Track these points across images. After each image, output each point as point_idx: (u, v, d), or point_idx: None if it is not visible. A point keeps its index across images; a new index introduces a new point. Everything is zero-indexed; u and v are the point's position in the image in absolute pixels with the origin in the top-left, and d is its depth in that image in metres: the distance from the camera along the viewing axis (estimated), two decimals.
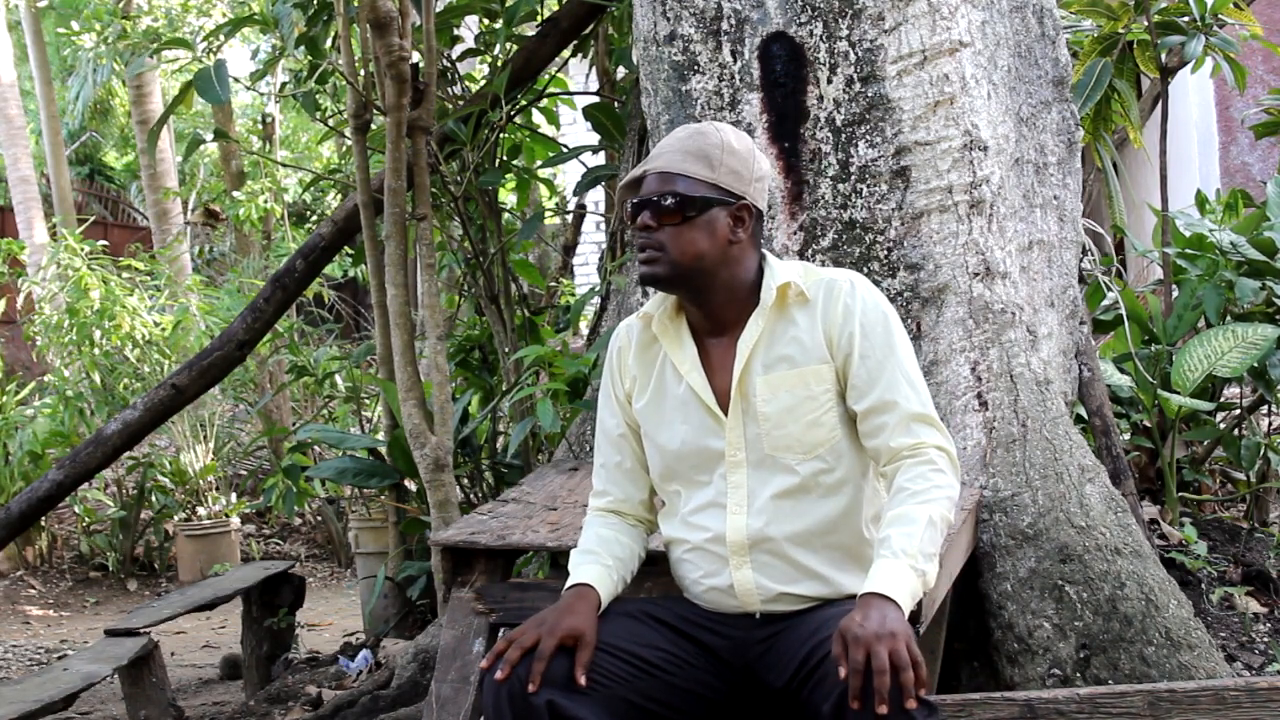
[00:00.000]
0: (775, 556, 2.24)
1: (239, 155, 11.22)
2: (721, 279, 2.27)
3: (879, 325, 2.24)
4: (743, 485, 2.26)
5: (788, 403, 2.24)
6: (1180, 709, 2.39)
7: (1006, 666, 2.92)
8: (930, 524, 2.12)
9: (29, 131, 12.26)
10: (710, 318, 2.31)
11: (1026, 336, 3.26)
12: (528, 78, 4.86)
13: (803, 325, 2.26)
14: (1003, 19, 3.38)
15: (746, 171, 2.27)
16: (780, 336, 2.27)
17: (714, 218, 2.23)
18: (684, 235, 2.22)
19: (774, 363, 2.26)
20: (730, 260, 2.26)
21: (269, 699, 4.44)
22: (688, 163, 2.24)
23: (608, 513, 2.43)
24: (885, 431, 2.21)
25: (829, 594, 2.23)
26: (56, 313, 8.83)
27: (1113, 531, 3.00)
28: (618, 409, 2.41)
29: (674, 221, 2.22)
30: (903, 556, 2.09)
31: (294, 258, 4.99)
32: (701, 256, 2.23)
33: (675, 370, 2.32)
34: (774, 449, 2.24)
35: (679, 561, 2.36)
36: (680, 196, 2.22)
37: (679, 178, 2.23)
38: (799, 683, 2.13)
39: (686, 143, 2.27)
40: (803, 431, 2.23)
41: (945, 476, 2.18)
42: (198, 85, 4.36)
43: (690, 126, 2.33)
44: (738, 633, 2.26)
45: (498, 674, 2.11)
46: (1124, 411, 3.90)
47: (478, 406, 5.08)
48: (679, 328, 2.34)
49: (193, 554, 8.39)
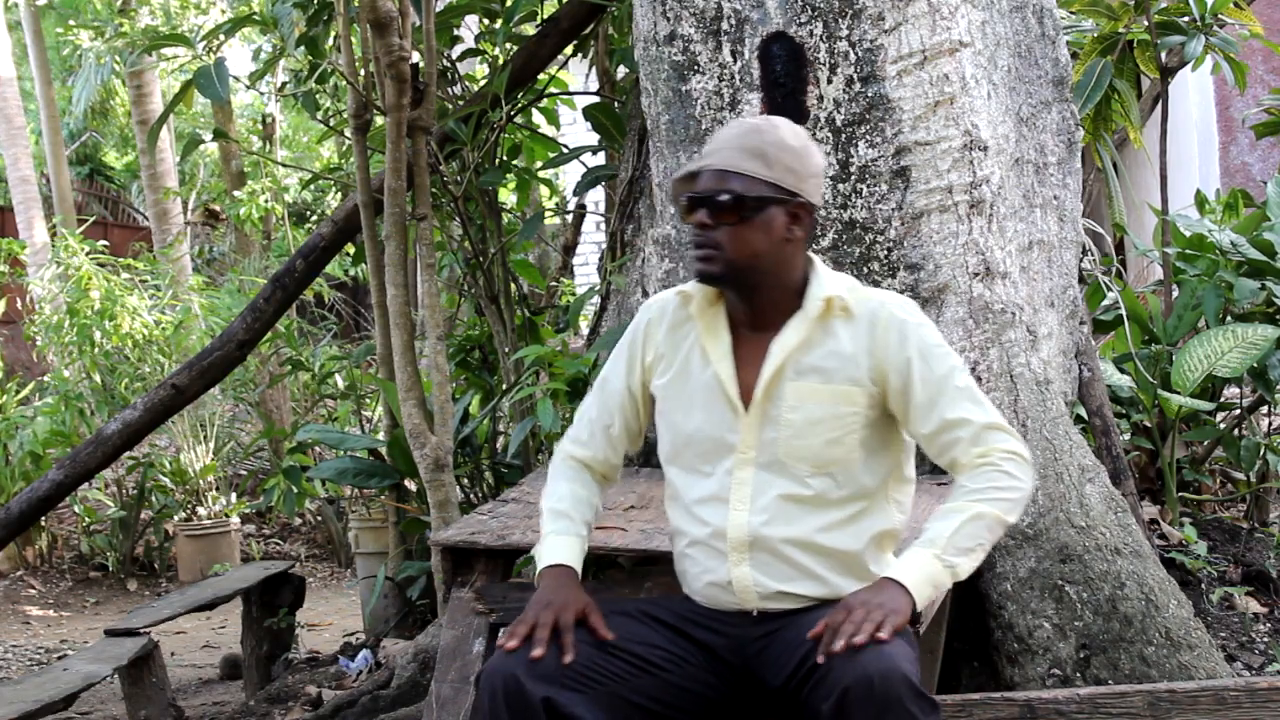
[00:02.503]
0: (774, 556, 2.24)
1: (239, 155, 11.22)
2: (772, 278, 2.27)
3: (933, 348, 2.25)
4: (748, 483, 2.25)
5: (814, 415, 2.23)
6: (1180, 709, 2.40)
7: (1006, 666, 2.92)
8: (975, 518, 2.15)
9: (29, 131, 12.25)
10: (752, 314, 2.30)
11: (1026, 336, 3.26)
12: (528, 78, 4.85)
13: (844, 341, 2.25)
14: (1003, 19, 3.38)
15: (802, 168, 2.26)
16: (817, 347, 2.26)
17: (771, 217, 2.23)
18: (741, 234, 2.22)
19: (806, 371, 2.25)
20: (784, 259, 2.26)
21: (269, 699, 4.44)
22: (744, 160, 2.22)
23: (580, 465, 2.45)
24: (956, 447, 2.22)
25: (827, 594, 2.23)
26: (57, 313, 8.83)
27: (1113, 531, 3.00)
28: (628, 373, 2.41)
29: (731, 221, 2.22)
30: (930, 547, 2.14)
31: (294, 258, 4.99)
32: (758, 255, 2.23)
33: (704, 355, 2.31)
34: (788, 456, 2.24)
35: (682, 556, 2.36)
36: (737, 195, 2.21)
37: (735, 176, 2.22)
38: (797, 682, 2.13)
39: (743, 139, 2.25)
40: (821, 447, 2.23)
41: (1010, 479, 2.19)
42: (198, 83, 4.36)
43: (746, 122, 2.33)
44: (735, 630, 2.26)
45: (536, 651, 2.12)
46: (1124, 411, 3.90)
47: (478, 406, 5.08)
48: (717, 314, 2.33)
49: (193, 554, 8.39)
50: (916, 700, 2.00)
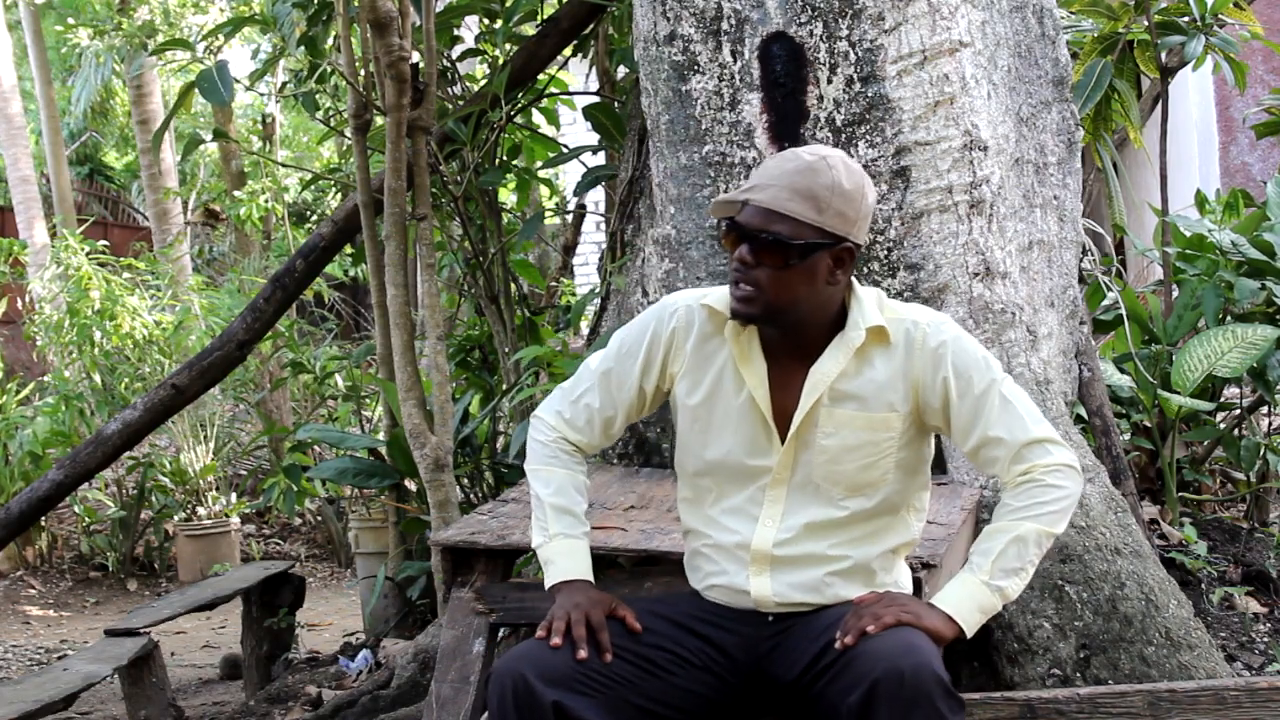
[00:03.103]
0: (796, 570, 2.23)
1: (239, 155, 11.22)
2: (809, 316, 2.21)
3: (969, 365, 2.20)
4: (780, 501, 2.24)
5: (850, 442, 2.21)
6: (1180, 709, 2.39)
7: (1006, 666, 2.92)
8: (1018, 540, 2.15)
9: (29, 131, 12.25)
10: (788, 340, 2.24)
11: (1026, 336, 3.26)
12: (528, 78, 4.85)
13: (879, 368, 2.21)
14: (1003, 19, 3.38)
15: (853, 212, 2.16)
16: (854, 374, 2.22)
17: (815, 262, 2.15)
18: (783, 279, 2.14)
19: (842, 399, 2.21)
20: (824, 301, 2.20)
21: (269, 699, 4.44)
22: (794, 202, 2.12)
23: (574, 449, 2.38)
24: (999, 464, 2.21)
25: (844, 599, 2.24)
26: (57, 312, 8.83)
27: (1113, 531, 3.00)
28: (644, 374, 2.33)
29: (774, 264, 2.13)
30: (975, 573, 2.15)
31: (294, 258, 4.99)
32: (798, 301, 2.17)
33: (738, 379, 2.25)
34: (823, 480, 2.22)
35: (696, 553, 2.35)
36: (783, 241, 2.12)
37: (784, 219, 2.12)
38: (813, 677, 2.13)
39: (795, 179, 2.14)
40: (857, 472, 2.21)
41: (1054, 490, 2.17)
42: (200, 85, 4.36)
43: (802, 158, 2.17)
44: (747, 629, 2.26)
45: (581, 653, 2.12)
46: (1124, 411, 3.90)
47: (478, 406, 5.08)
48: (751, 339, 2.26)
49: (193, 554, 8.39)
50: (946, 698, 1.99)
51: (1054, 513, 2.18)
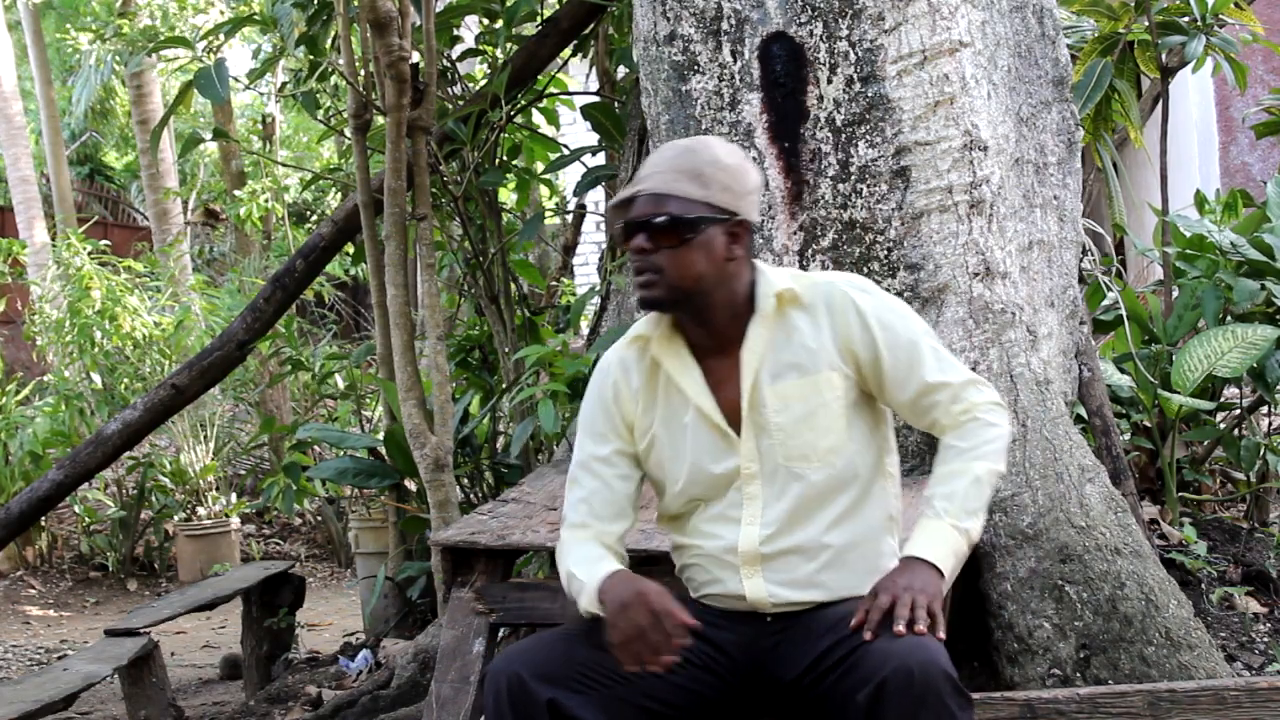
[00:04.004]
0: (788, 566, 2.23)
1: (239, 155, 11.22)
2: (720, 296, 2.23)
3: (894, 317, 2.24)
4: (758, 496, 2.24)
5: (800, 412, 2.22)
6: (1180, 709, 2.40)
7: (1006, 666, 2.92)
8: (975, 481, 2.16)
9: (29, 131, 12.26)
10: (711, 335, 2.27)
11: (1026, 336, 3.26)
12: (528, 78, 4.86)
13: (807, 332, 2.24)
14: (1003, 19, 3.38)
15: (739, 186, 2.22)
16: (785, 344, 2.24)
17: (710, 237, 2.19)
18: (682, 257, 2.18)
19: (782, 371, 2.23)
20: (728, 277, 2.23)
21: (269, 699, 4.44)
22: (680, 182, 2.18)
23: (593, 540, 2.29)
24: (936, 409, 2.22)
25: (846, 592, 2.23)
26: (57, 312, 8.83)
27: (1113, 531, 3.00)
28: (610, 435, 2.32)
29: (671, 244, 2.18)
30: (945, 517, 2.15)
31: (294, 258, 4.99)
32: (701, 278, 2.20)
33: (681, 393, 2.27)
34: (787, 459, 2.22)
35: (687, 565, 2.35)
36: (675, 218, 2.17)
37: (672, 198, 2.18)
38: (817, 675, 2.12)
39: (676, 161, 2.21)
40: (816, 438, 2.22)
41: (994, 429, 2.20)
42: (198, 84, 4.36)
43: (678, 144, 2.27)
44: (746, 629, 2.26)
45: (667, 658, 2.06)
46: (1124, 411, 3.90)
47: (478, 406, 5.08)
48: (678, 348, 2.29)
49: (193, 554, 8.40)
50: (955, 695, 1.99)
51: (999, 450, 2.20)
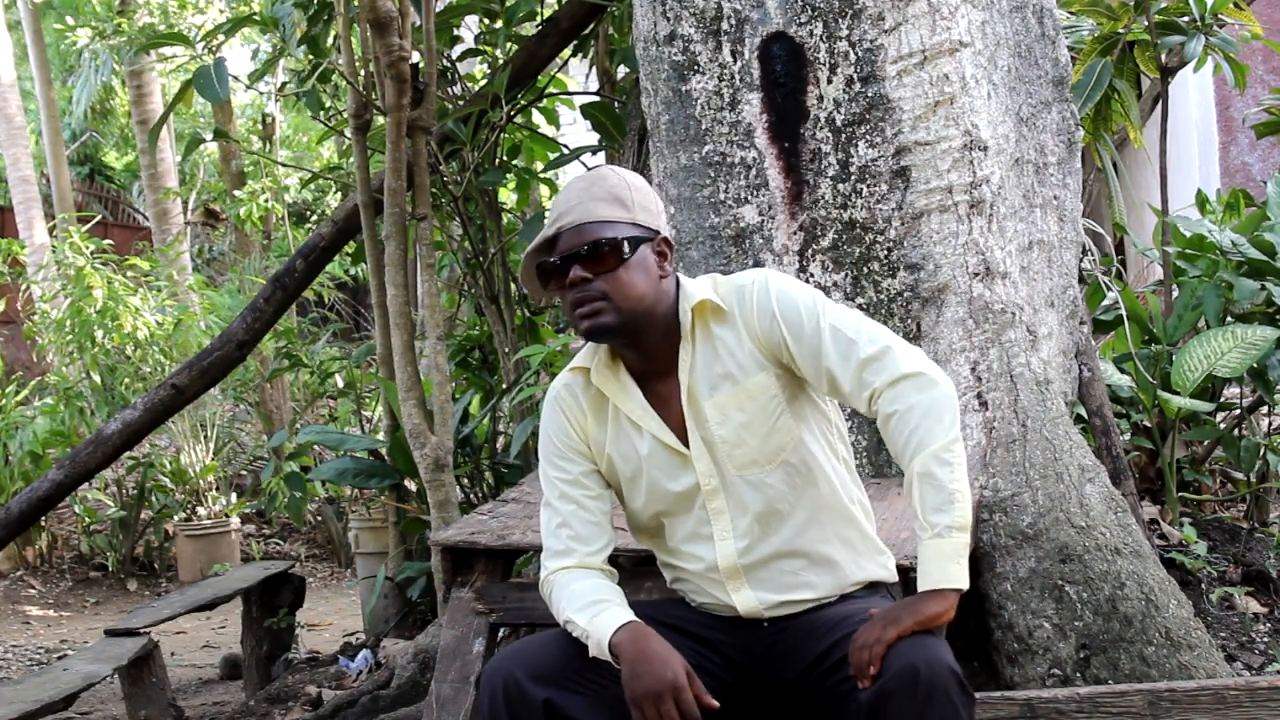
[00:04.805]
0: (771, 571, 2.23)
1: (239, 155, 11.22)
2: (656, 316, 2.22)
3: (794, 306, 2.19)
4: (724, 511, 2.24)
5: (740, 420, 2.21)
6: (1180, 709, 2.40)
7: (1006, 666, 2.92)
8: (924, 478, 2.06)
9: (29, 131, 12.25)
10: (647, 358, 2.25)
11: (1026, 336, 3.26)
12: (528, 78, 4.86)
13: (730, 340, 2.23)
14: (1003, 19, 3.38)
15: (654, 206, 2.23)
16: (713, 356, 2.23)
17: (644, 256, 2.18)
18: (622, 279, 2.16)
19: (717, 383, 2.23)
20: (662, 295, 2.22)
21: (269, 699, 4.44)
22: (602, 208, 2.17)
23: (579, 568, 2.25)
24: (862, 387, 2.14)
25: (836, 589, 2.24)
26: (57, 311, 8.83)
27: (1113, 531, 3.00)
28: (575, 457, 2.30)
29: (609, 267, 2.15)
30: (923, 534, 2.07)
31: (294, 258, 5.00)
32: (643, 297, 2.18)
33: (631, 422, 2.27)
34: (739, 468, 2.22)
35: (675, 580, 2.35)
36: (611, 240, 2.14)
37: (600, 224, 2.16)
38: (819, 675, 2.13)
39: (590, 191, 2.19)
40: (761, 443, 2.21)
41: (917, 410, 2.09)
42: (197, 83, 4.36)
43: (586, 176, 2.25)
44: (745, 632, 2.26)
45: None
46: (1124, 411, 3.90)
47: (478, 406, 5.08)
48: (619, 376, 2.28)
49: (193, 554, 8.40)
50: (961, 693, 1.99)
51: (934, 424, 2.08)
